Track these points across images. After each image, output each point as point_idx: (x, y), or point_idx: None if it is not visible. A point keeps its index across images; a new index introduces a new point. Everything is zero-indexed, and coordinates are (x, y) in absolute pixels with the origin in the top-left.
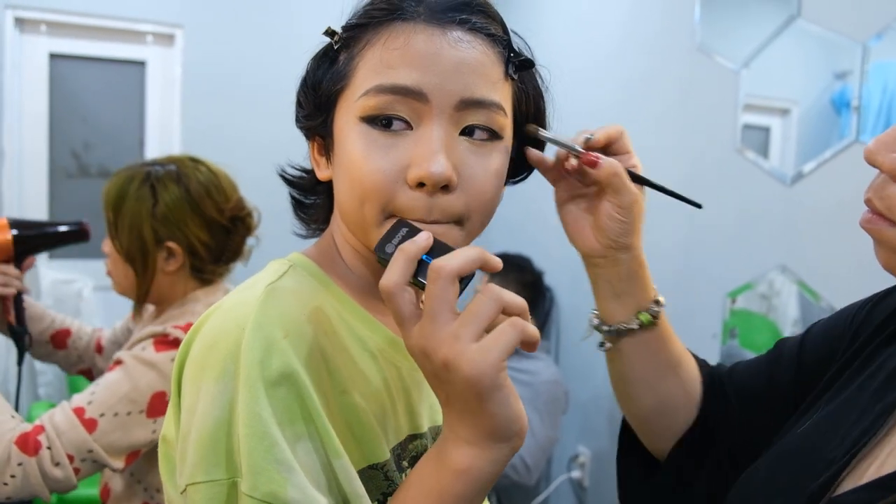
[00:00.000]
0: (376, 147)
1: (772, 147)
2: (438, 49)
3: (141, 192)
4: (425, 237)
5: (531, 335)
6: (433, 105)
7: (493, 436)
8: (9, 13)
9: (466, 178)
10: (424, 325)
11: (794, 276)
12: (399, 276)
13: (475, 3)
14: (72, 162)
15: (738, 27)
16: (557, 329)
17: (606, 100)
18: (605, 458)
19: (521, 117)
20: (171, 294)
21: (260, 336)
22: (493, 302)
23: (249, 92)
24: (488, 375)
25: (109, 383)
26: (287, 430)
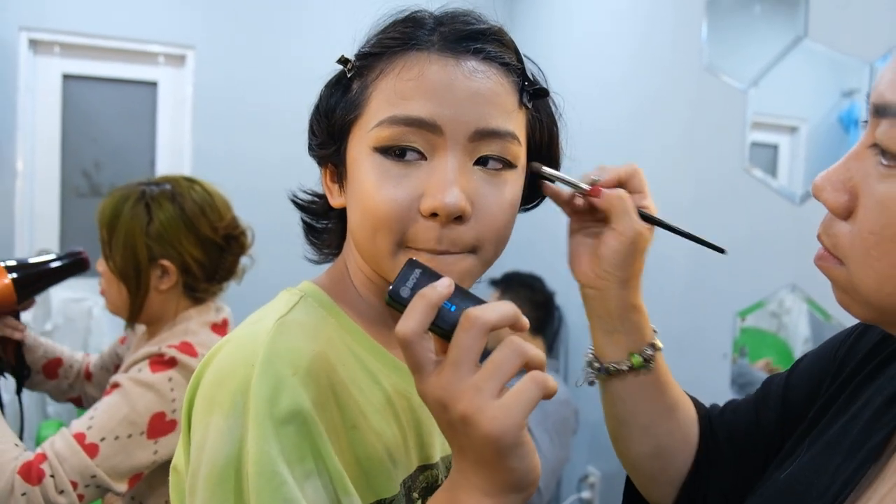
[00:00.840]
0: (389, 177)
1: (780, 165)
2: (452, 80)
3: (136, 210)
4: (447, 284)
5: (552, 389)
6: (447, 136)
7: (508, 487)
8: (23, 35)
9: (480, 208)
10: (445, 375)
11: (804, 295)
12: (418, 323)
13: (489, 31)
14: (83, 181)
15: (745, 47)
16: (567, 349)
17: (616, 121)
18: (615, 479)
19: (535, 144)
20: (163, 313)
21: (269, 373)
22: (517, 356)
23: (259, 112)
24: (510, 434)
25: (108, 407)
26: (296, 468)
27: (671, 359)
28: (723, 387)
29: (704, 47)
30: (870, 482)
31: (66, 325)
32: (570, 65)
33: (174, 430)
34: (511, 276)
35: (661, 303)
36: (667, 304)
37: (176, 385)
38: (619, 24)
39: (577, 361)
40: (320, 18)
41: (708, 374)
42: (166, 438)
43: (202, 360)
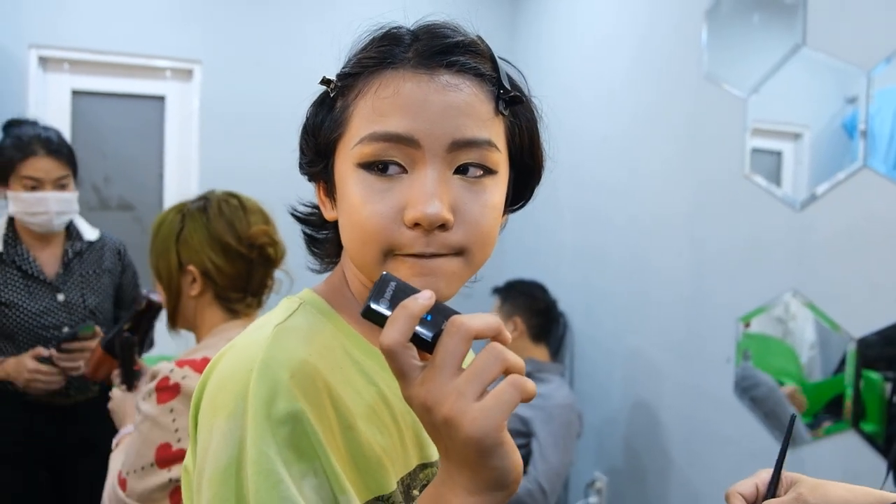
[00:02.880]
0: (373, 192)
1: (784, 171)
2: (426, 95)
3: (173, 219)
4: (428, 296)
5: (530, 392)
6: (425, 149)
7: (491, 486)
8: (33, 52)
9: (463, 213)
10: (428, 378)
11: (805, 300)
12: (401, 333)
13: (463, 43)
14: (93, 195)
15: (745, 55)
16: (572, 353)
17: (617, 128)
18: (622, 484)
19: (517, 149)
20: (200, 321)
21: (267, 377)
22: (498, 362)
23: (266, 125)
24: (491, 436)
25: (130, 442)
26: (294, 467)
27: (674, 364)
28: (726, 391)
29: (704, 55)
30: None
31: None
32: (571, 73)
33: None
34: (512, 284)
35: (663, 309)
36: (669, 309)
37: (178, 414)
38: (620, 33)
39: (582, 367)
40: (325, 31)
41: (711, 379)
42: (178, 467)
43: (208, 366)
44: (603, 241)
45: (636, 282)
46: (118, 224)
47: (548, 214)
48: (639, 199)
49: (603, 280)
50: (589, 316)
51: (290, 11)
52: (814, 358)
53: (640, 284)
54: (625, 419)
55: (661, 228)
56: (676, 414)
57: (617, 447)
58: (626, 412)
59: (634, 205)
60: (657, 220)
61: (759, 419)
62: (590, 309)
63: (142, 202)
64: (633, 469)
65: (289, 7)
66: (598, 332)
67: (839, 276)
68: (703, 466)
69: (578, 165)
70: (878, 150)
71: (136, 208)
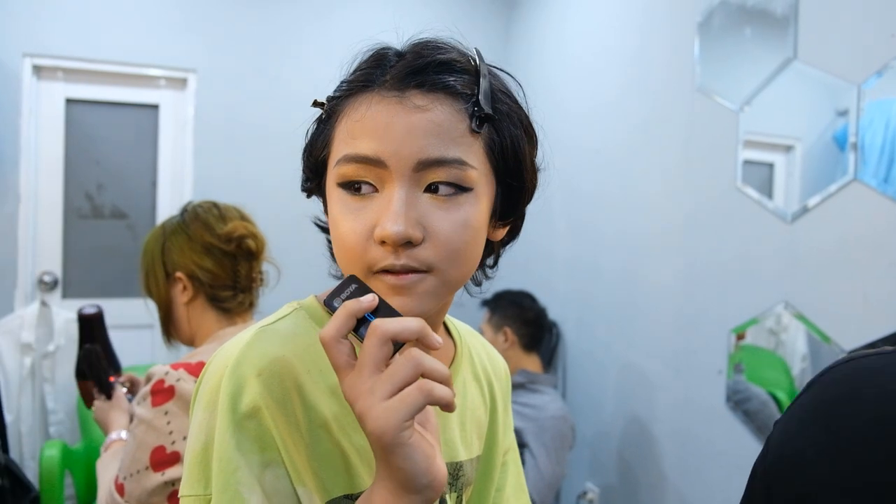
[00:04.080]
0: (349, 210)
1: (776, 183)
2: (392, 117)
3: (156, 234)
4: (370, 298)
5: (439, 398)
6: (392, 170)
7: (403, 486)
8: (27, 61)
9: (432, 231)
10: (352, 376)
11: (796, 312)
12: (336, 329)
13: (439, 62)
14: (86, 203)
15: (737, 68)
16: (564, 364)
17: (610, 141)
18: (613, 494)
19: (501, 165)
20: (196, 328)
21: (236, 375)
22: (411, 366)
23: (260, 133)
24: (388, 434)
25: (127, 445)
26: (256, 457)
27: (667, 376)
28: (718, 403)
29: (697, 68)
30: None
31: (69, 346)
32: (563, 86)
33: (179, 462)
34: (501, 295)
35: (656, 321)
36: (661, 321)
37: (172, 417)
38: (612, 46)
39: (574, 378)
40: (319, 41)
41: (703, 391)
42: (172, 469)
43: (207, 362)
44: (596, 252)
45: (629, 293)
46: (111, 232)
47: (541, 226)
48: (631, 210)
49: (596, 291)
50: (581, 327)
51: (285, 20)
52: (805, 370)
53: (633, 296)
54: (617, 430)
55: (653, 240)
56: (668, 426)
57: (609, 458)
58: (618, 423)
59: (627, 216)
60: (649, 232)
61: (751, 432)
62: (582, 320)
63: (135, 210)
64: (624, 480)
65: (284, 16)
66: (591, 343)
67: (830, 288)
68: (695, 478)
69: (571, 177)
70: (868, 163)
71: (129, 216)
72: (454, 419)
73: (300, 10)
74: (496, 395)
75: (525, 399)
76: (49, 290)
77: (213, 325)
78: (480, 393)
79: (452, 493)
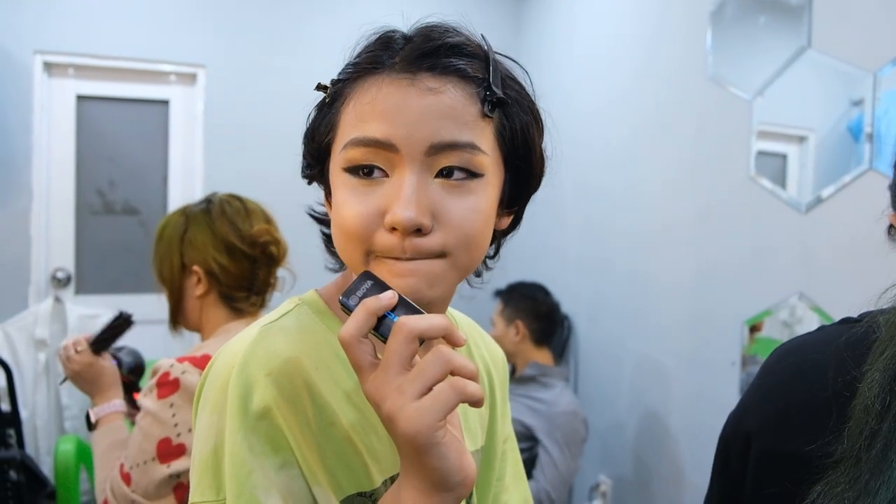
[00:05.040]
0: (356, 194)
1: (789, 174)
2: (404, 99)
3: (177, 221)
4: (390, 296)
5: (471, 395)
6: (403, 154)
7: (435, 485)
8: (38, 58)
9: (443, 217)
10: (377, 376)
11: (812, 303)
12: (356, 329)
13: (451, 45)
14: (97, 199)
15: (750, 57)
16: (576, 358)
17: (622, 133)
18: (626, 487)
19: (510, 151)
20: (205, 321)
21: (244, 375)
22: (441, 363)
23: (270, 128)
24: (423, 434)
25: (132, 437)
26: (270, 458)
27: (680, 368)
28: (732, 395)
29: (709, 58)
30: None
31: None
32: (575, 78)
33: (185, 454)
34: (514, 287)
35: (668, 313)
36: (674, 313)
37: (178, 409)
38: (624, 36)
39: (586, 369)
40: (329, 36)
41: (717, 383)
42: (178, 461)
43: (209, 362)
44: (608, 244)
45: (641, 285)
46: (123, 228)
47: (552, 218)
48: (644, 202)
49: (608, 283)
50: (594, 319)
51: (294, 15)
52: None
53: (645, 288)
54: (630, 422)
55: (666, 232)
56: (681, 417)
57: (621, 450)
58: (630, 415)
59: (639, 208)
60: (662, 224)
61: None
62: (595, 312)
63: (146, 206)
64: (637, 472)
65: (293, 10)
66: (603, 335)
67: (845, 280)
68: (707, 470)
69: (583, 170)
70: (884, 152)
71: (140, 212)
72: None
73: (310, 5)
74: (495, 386)
75: (536, 394)
76: (62, 286)
77: (222, 319)
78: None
79: None
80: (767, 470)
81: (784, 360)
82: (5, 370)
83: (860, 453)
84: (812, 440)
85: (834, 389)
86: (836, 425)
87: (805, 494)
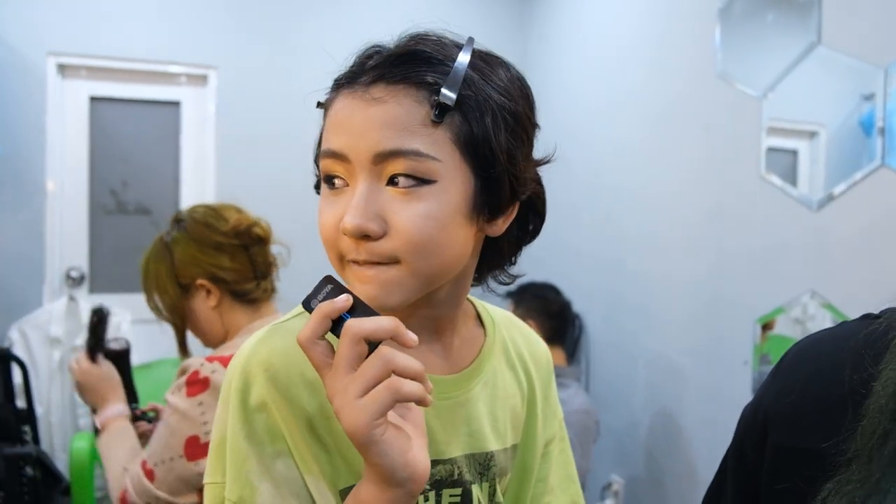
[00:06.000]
0: (326, 203)
1: (800, 170)
2: (352, 111)
3: (158, 252)
4: (343, 299)
5: (408, 395)
6: (354, 163)
7: (385, 481)
8: (52, 60)
9: (393, 224)
10: (330, 376)
11: (824, 301)
12: (311, 331)
13: (408, 53)
14: (111, 200)
15: (759, 54)
16: (588, 356)
17: (631, 130)
18: (638, 486)
19: (473, 155)
20: (230, 326)
21: (245, 371)
22: (381, 364)
23: (281, 129)
24: (360, 432)
25: (157, 434)
26: (268, 447)
27: (692, 367)
28: (744, 393)
29: (718, 55)
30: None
31: None
32: (583, 77)
33: None
34: (525, 287)
35: (680, 311)
36: (687, 311)
37: (207, 407)
38: (632, 34)
39: (598, 369)
40: (340, 36)
41: (729, 382)
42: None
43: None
44: (619, 243)
45: (652, 283)
46: (135, 228)
47: (563, 217)
48: (654, 200)
49: (619, 282)
50: (605, 318)
51: (305, 16)
52: None
53: (657, 286)
54: (642, 422)
55: (676, 230)
56: (693, 416)
57: (634, 450)
58: (643, 415)
59: (650, 206)
60: (673, 222)
61: None
62: (606, 311)
63: (159, 206)
64: (649, 472)
65: (304, 12)
66: (615, 335)
67: (858, 277)
68: None
69: (593, 168)
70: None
71: (153, 212)
72: (483, 409)
73: (321, 7)
74: (535, 384)
75: None
76: (76, 285)
77: (243, 319)
78: (516, 381)
79: (484, 482)
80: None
81: (802, 355)
82: (21, 368)
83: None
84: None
85: (850, 387)
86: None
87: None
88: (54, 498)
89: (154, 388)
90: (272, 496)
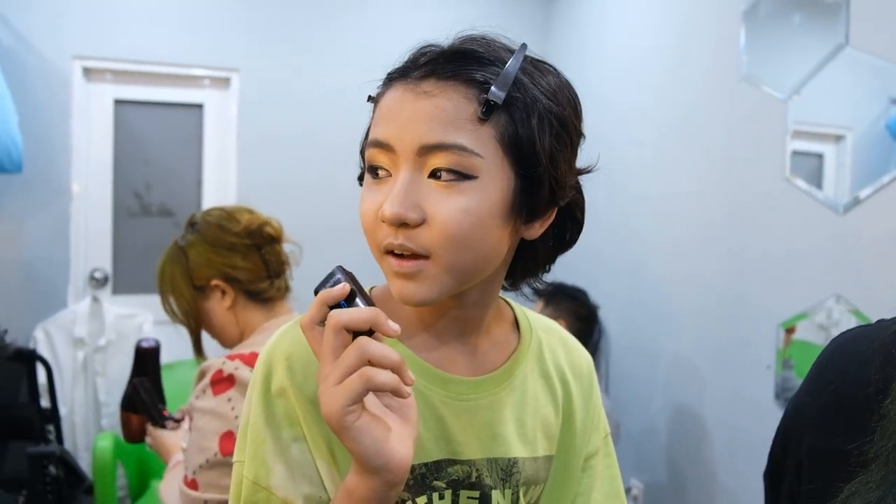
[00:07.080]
0: (368, 191)
1: (826, 174)
2: (402, 103)
3: (173, 255)
4: (339, 288)
5: (380, 385)
6: (399, 154)
7: (362, 467)
8: (77, 63)
9: (431, 216)
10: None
11: (850, 306)
12: (310, 317)
13: (462, 52)
14: (135, 202)
15: (784, 56)
16: (607, 360)
17: (655, 132)
18: (658, 491)
19: (516, 155)
20: (246, 326)
21: (269, 358)
22: (356, 354)
23: (303, 132)
24: (333, 418)
25: (190, 443)
26: (285, 431)
27: (714, 371)
28: (767, 398)
29: (743, 57)
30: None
31: (119, 340)
32: (606, 79)
33: None
34: (557, 288)
35: (702, 315)
36: (709, 315)
37: (236, 403)
38: (656, 37)
39: (618, 372)
40: (363, 38)
41: (751, 386)
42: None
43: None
44: (640, 246)
45: (674, 286)
46: (158, 230)
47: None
48: (677, 203)
49: (640, 285)
50: (626, 321)
51: (326, 19)
52: None
53: (678, 289)
54: (662, 426)
55: (699, 232)
56: (715, 421)
57: (653, 454)
58: (663, 419)
59: (673, 209)
60: (695, 224)
61: None
62: (627, 314)
63: (182, 208)
64: (670, 476)
65: (325, 14)
66: (636, 338)
67: (884, 282)
68: (742, 475)
69: (616, 171)
70: None
71: (176, 214)
72: (509, 415)
73: (342, 9)
74: (573, 395)
75: None
76: (100, 286)
77: (258, 318)
78: (549, 391)
79: (506, 489)
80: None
81: (836, 352)
82: (45, 368)
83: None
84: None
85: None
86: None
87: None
88: (77, 497)
89: (175, 389)
90: (285, 477)
